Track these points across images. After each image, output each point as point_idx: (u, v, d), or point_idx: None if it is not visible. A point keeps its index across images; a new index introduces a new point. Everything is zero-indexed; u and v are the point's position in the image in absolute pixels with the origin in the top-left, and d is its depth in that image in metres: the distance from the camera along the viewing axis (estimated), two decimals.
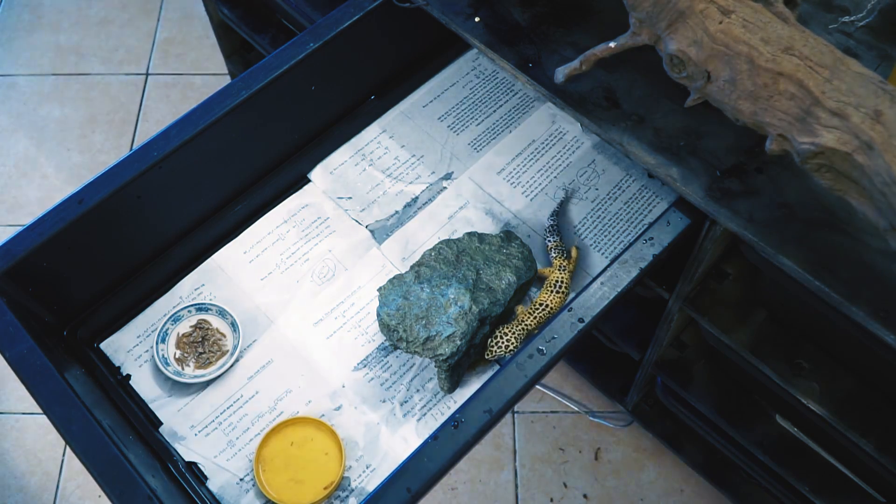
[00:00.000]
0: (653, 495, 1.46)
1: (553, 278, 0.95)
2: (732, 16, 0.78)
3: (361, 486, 0.90)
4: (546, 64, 0.95)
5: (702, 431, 1.26)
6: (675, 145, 0.89)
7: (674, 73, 0.85)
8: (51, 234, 0.89)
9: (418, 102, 1.16)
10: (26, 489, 1.49)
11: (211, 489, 0.90)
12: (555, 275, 0.95)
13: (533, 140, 1.12)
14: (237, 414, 0.94)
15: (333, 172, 1.10)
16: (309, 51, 1.00)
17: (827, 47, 0.77)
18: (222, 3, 1.50)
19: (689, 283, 0.98)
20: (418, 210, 1.07)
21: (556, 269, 0.96)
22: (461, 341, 0.89)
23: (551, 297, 0.94)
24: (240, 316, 0.99)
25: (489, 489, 1.47)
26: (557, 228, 1.01)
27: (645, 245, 0.89)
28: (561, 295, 0.94)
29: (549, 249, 0.99)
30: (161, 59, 2.02)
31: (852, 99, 0.73)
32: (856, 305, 0.78)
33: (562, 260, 0.97)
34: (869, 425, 0.94)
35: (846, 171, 0.75)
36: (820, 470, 1.10)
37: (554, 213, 1.03)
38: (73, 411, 0.81)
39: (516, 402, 0.83)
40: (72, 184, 1.77)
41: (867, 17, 0.96)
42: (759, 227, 0.83)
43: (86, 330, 0.98)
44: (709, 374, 1.19)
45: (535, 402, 1.54)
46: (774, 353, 0.99)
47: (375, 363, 0.97)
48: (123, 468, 0.78)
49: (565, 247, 0.99)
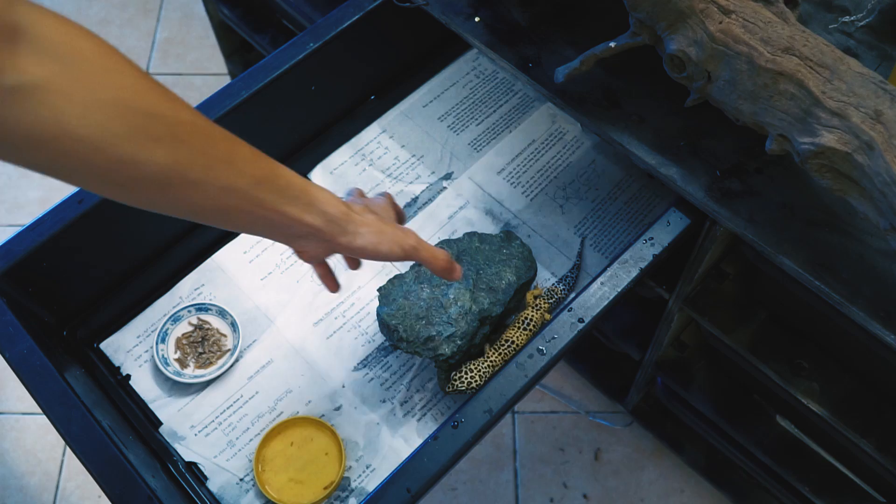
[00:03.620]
0: (653, 495, 1.46)
1: (524, 315, 0.93)
2: (732, 16, 0.78)
3: (361, 486, 0.90)
4: (546, 64, 0.95)
5: (702, 431, 1.26)
6: (675, 145, 0.89)
7: (674, 73, 0.85)
8: (51, 234, 0.89)
9: (418, 102, 1.16)
10: (26, 489, 1.49)
11: (211, 489, 0.90)
12: (528, 312, 0.93)
13: (533, 140, 1.12)
14: (237, 414, 0.94)
15: (333, 172, 1.10)
16: (309, 51, 1.00)
17: (827, 47, 0.77)
18: (222, 3, 1.50)
19: (689, 283, 0.98)
20: (418, 210, 1.07)
21: (531, 307, 0.94)
22: (461, 341, 0.89)
23: (518, 333, 0.91)
24: (240, 316, 0.99)
25: (489, 489, 1.47)
26: (569, 280, 0.99)
27: (645, 245, 0.89)
28: (528, 333, 0.91)
29: (550, 288, 0.98)
30: (161, 59, 2.02)
31: (852, 99, 0.73)
32: (856, 305, 0.78)
33: (542, 300, 0.95)
34: (869, 425, 0.94)
35: (846, 171, 0.75)
36: (820, 470, 1.10)
37: (575, 266, 1.00)
38: (73, 411, 0.81)
39: (516, 402, 0.83)
40: None
41: (867, 17, 0.96)
42: (759, 227, 0.83)
43: (86, 330, 0.98)
44: (709, 374, 1.19)
45: (535, 402, 1.54)
46: (774, 353, 0.99)
47: (375, 363, 0.97)
48: (123, 468, 0.78)
49: (559, 296, 0.97)
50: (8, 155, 0.51)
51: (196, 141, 0.57)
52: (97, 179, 0.54)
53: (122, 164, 0.53)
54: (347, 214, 0.68)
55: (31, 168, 0.52)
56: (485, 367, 0.89)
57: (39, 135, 0.49)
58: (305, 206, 0.65)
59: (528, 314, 0.93)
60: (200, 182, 0.57)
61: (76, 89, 0.50)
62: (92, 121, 0.51)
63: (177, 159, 0.55)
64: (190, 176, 0.56)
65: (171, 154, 0.55)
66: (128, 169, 0.53)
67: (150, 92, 0.54)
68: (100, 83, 0.51)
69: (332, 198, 0.68)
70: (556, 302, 0.96)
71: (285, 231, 0.66)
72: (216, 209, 0.61)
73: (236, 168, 0.60)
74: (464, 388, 0.88)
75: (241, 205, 0.61)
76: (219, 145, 0.59)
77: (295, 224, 0.65)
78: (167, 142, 0.55)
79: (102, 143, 0.51)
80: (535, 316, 0.93)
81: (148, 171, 0.54)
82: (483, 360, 0.90)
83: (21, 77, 0.47)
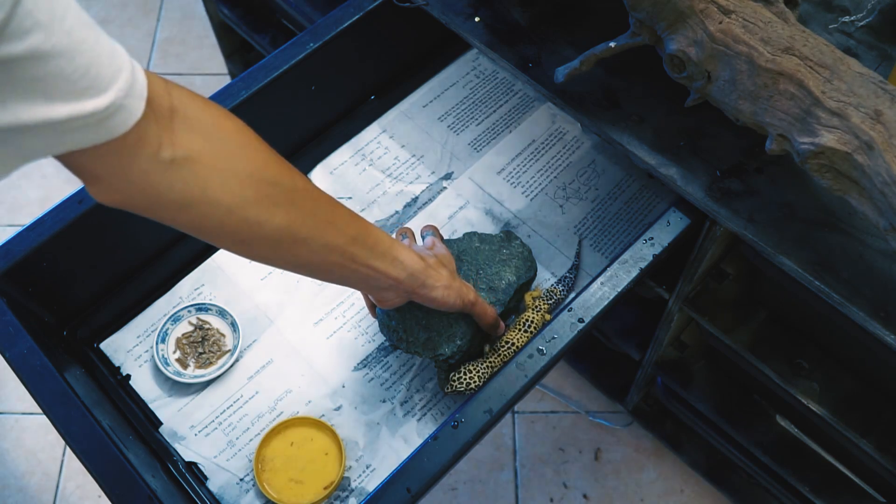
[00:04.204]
0: (653, 495, 1.46)
1: (524, 317, 0.93)
2: (732, 16, 0.78)
3: (361, 486, 0.90)
4: (546, 64, 0.95)
5: (702, 431, 1.26)
6: (675, 145, 0.89)
7: (674, 73, 0.85)
8: (51, 234, 0.89)
9: (418, 102, 1.16)
10: (26, 489, 1.49)
11: (211, 489, 0.90)
12: (528, 314, 0.93)
13: (533, 140, 1.12)
14: (237, 414, 0.94)
15: (333, 172, 1.10)
16: (309, 51, 1.00)
17: (827, 47, 0.77)
18: (222, 3, 1.50)
19: (689, 283, 0.98)
20: (418, 210, 1.07)
21: (530, 309, 0.94)
22: (461, 341, 0.89)
23: (518, 335, 0.91)
24: (240, 316, 0.99)
25: (489, 489, 1.47)
26: (568, 281, 0.99)
27: (645, 245, 0.89)
28: (528, 335, 0.91)
29: (548, 289, 0.98)
30: (161, 59, 2.02)
31: (852, 99, 0.73)
32: (856, 305, 0.78)
33: (543, 302, 0.96)
34: (869, 425, 0.94)
35: (846, 171, 0.75)
36: (820, 470, 1.10)
37: (573, 266, 1.00)
38: (73, 411, 0.81)
39: (516, 402, 0.83)
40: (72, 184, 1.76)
41: (867, 17, 0.96)
42: (759, 227, 0.83)
43: (86, 330, 0.98)
44: (709, 374, 1.19)
45: (535, 402, 1.54)
46: (774, 353, 0.99)
47: (375, 363, 0.97)
48: (123, 468, 0.78)
49: (558, 297, 0.97)
50: (160, 214, 0.60)
51: (307, 205, 0.67)
52: (226, 237, 0.64)
53: (248, 224, 0.62)
54: (425, 270, 0.78)
55: (175, 226, 0.62)
56: (483, 367, 0.89)
57: (189, 199, 0.59)
58: (391, 262, 0.74)
59: (528, 316, 0.93)
60: (308, 240, 0.67)
61: (218, 162, 0.59)
62: (229, 188, 0.60)
63: (291, 221, 0.65)
64: (300, 234, 0.66)
65: (287, 216, 0.64)
66: (252, 228, 0.63)
67: (276, 164, 0.64)
68: (237, 157, 0.61)
69: (413, 254, 0.77)
70: (555, 303, 0.96)
71: (373, 283, 0.76)
72: (317, 263, 0.70)
73: (336, 227, 0.69)
74: (462, 388, 0.88)
75: (338, 259, 0.70)
76: (324, 208, 0.69)
77: (382, 277, 0.74)
78: (285, 206, 0.64)
79: (235, 207, 0.61)
80: (535, 318, 0.92)
81: (268, 230, 0.63)
82: (482, 360, 0.90)
83: (177, 151, 0.57)
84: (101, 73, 0.50)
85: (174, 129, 0.57)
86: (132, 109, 0.53)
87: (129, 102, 0.52)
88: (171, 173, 0.57)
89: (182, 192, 0.58)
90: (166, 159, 0.56)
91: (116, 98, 0.51)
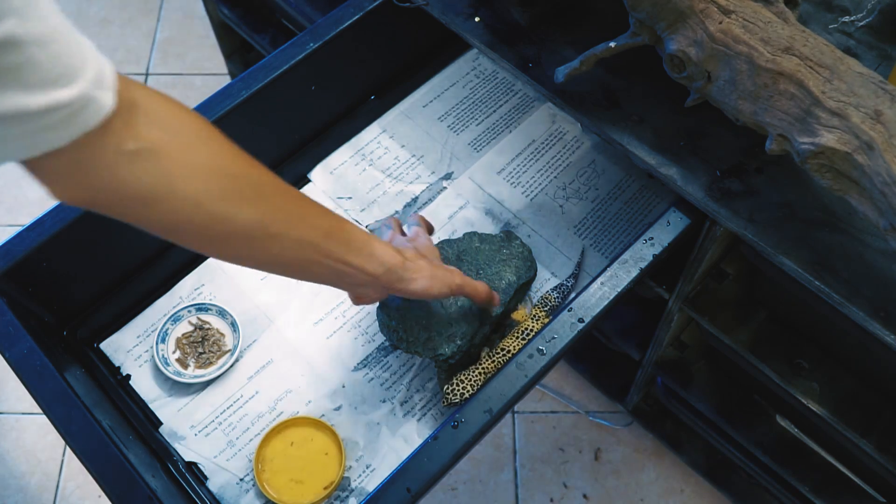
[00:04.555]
0: (653, 495, 1.46)
1: (524, 326, 0.93)
2: (732, 16, 0.78)
3: (361, 486, 0.90)
4: (546, 64, 0.95)
5: (702, 431, 1.26)
6: (675, 145, 0.89)
7: (674, 73, 0.85)
8: (51, 234, 0.89)
9: (418, 102, 1.16)
10: (26, 489, 1.49)
11: (211, 489, 0.90)
12: (527, 323, 0.93)
13: (533, 140, 1.12)
14: (237, 414, 0.94)
15: (333, 172, 1.10)
16: (309, 51, 1.00)
17: (827, 47, 0.77)
18: (222, 3, 1.50)
19: (689, 283, 0.98)
20: (418, 210, 1.07)
21: (529, 318, 0.94)
22: (462, 341, 0.89)
23: (516, 343, 0.91)
24: (240, 316, 0.99)
25: (489, 489, 1.47)
26: (565, 288, 0.99)
27: (645, 245, 0.89)
28: (525, 342, 0.91)
29: (543, 296, 0.97)
30: (161, 59, 2.02)
31: (852, 99, 0.73)
32: (855, 305, 0.78)
33: (539, 310, 0.95)
34: (869, 425, 0.94)
35: (846, 171, 0.75)
36: (820, 470, 1.11)
37: (573, 275, 1.00)
38: (73, 411, 0.81)
39: (516, 402, 0.83)
40: None
41: (867, 17, 0.96)
42: (759, 227, 0.83)
43: (86, 330, 0.98)
44: (709, 374, 1.19)
45: (535, 402, 1.54)
46: (774, 353, 0.99)
47: (375, 363, 0.97)
48: (123, 468, 0.78)
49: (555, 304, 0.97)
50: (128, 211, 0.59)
51: (276, 199, 0.66)
52: (197, 235, 0.63)
53: (217, 219, 0.61)
54: (402, 264, 0.76)
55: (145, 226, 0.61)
56: (476, 374, 0.89)
57: (155, 194, 0.58)
58: (367, 257, 0.73)
59: (529, 325, 0.93)
60: (280, 235, 0.66)
61: (182, 155, 0.59)
62: (194, 182, 0.59)
63: (262, 215, 0.64)
64: (271, 230, 0.65)
65: (256, 211, 0.63)
66: (222, 224, 0.62)
67: (241, 159, 0.64)
68: (200, 151, 0.60)
69: (389, 248, 0.76)
70: (549, 310, 0.96)
71: (349, 280, 0.74)
72: (292, 260, 0.69)
73: (308, 222, 0.68)
74: (458, 400, 0.88)
75: (313, 256, 0.69)
76: (294, 203, 0.68)
77: (358, 273, 0.73)
78: (253, 200, 0.63)
79: (203, 201, 0.60)
80: (535, 327, 0.93)
81: (239, 225, 0.63)
82: (475, 367, 0.90)
83: (141, 143, 0.56)
84: (70, 62, 0.49)
85: (137, 122, 0.56)
86: (102, 102, 0.52)
87: (98, 94, 0.51)
88: (137, 165, 0.56)
89: (149, 186, 0.57)
90: (131, 150, 0.55)
91: (86, 88, 0.50)
